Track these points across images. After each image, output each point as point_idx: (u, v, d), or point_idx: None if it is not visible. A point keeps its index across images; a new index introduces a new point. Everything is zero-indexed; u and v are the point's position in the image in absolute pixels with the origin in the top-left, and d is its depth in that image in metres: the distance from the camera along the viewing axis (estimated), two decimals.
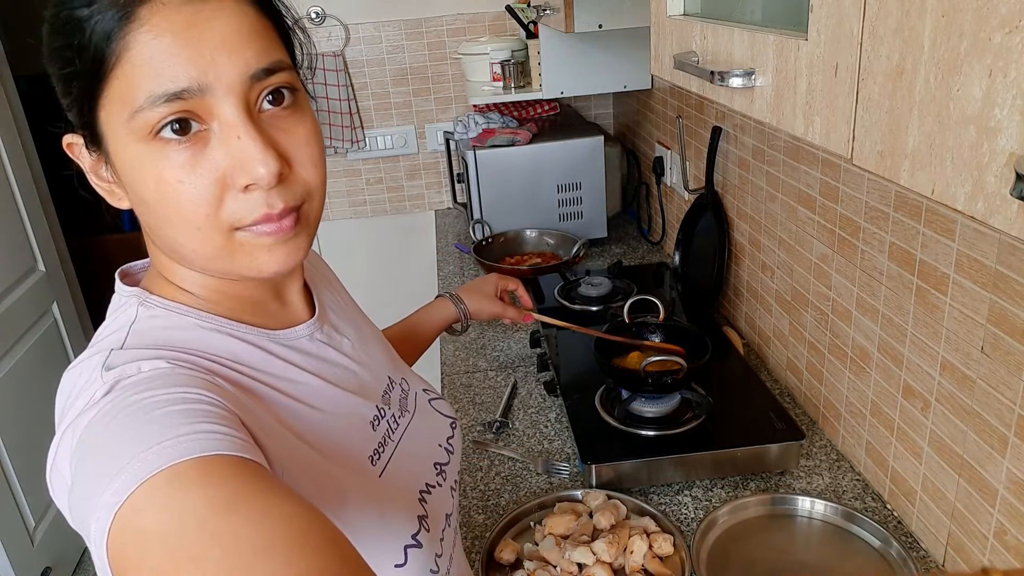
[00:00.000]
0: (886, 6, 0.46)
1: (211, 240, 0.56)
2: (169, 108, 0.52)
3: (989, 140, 0.37)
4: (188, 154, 0.53)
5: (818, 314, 1.28)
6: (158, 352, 0.57)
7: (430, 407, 0.80)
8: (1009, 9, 0.35)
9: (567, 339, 1.55)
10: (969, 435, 0.91)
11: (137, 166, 0.54)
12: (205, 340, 0.60)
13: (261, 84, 0.55)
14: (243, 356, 0.61)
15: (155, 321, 0.60)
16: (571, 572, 1.00)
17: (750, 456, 1.16)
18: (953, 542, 0.97)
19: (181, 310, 0.61)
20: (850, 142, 0.52)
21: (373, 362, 0.75)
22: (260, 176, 0.54)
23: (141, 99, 0.52)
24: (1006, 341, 0.83)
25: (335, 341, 0.71)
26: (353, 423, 0.67)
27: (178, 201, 0.54)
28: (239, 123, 0.54)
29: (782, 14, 0.69)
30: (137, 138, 0.53)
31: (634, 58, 2.00)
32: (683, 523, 1.11)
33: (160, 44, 0.51)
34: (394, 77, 2.62)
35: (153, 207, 0.56)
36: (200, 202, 0.54)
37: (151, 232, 0.61)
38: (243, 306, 0.64)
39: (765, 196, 1.45)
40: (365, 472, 0.65)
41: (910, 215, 0.99)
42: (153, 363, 0.55)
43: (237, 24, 0.54)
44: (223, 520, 0.42)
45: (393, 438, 0.71)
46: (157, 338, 0.59)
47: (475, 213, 2.14)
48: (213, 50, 0.52)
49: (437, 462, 0.75)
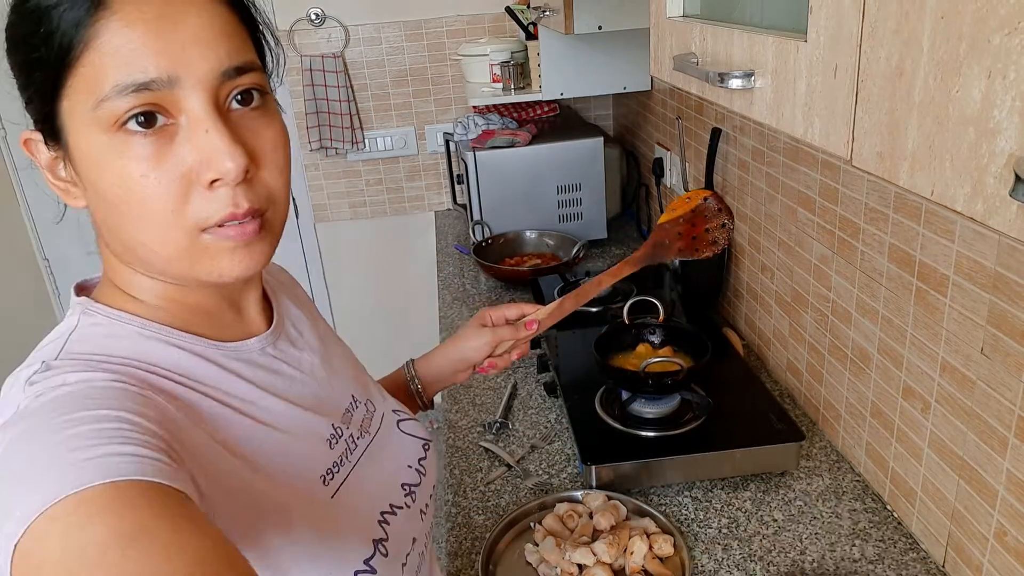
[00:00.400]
0: (885, 8, 0.46)
1: (174, 240, 0.54)
2: (136, 99, 0.50)
3: (988, 141, 0.37)
4: (153, 148, 0.52)
5: (818, 315, 1.28)
6: (91, 363, 0.54)
7: (397, 428, 0.77)
8: (1008, 11, 0.35)
9: (567, 340, 1.55)
10: (969, 436, 0.91)
11: (99, 159, 0.52)
12: (146, 349, 0.58)
13: (232, 83, 0.54)
14: (187, 367, 0.58)
15: (96, 329, 0.58)
16: (571, 573, 1.00)
17: (750, 457, 1.16)
18: (953, 543, 0.97)
19: (123, 318, 0.59)
20: (849, 143, 0.52)
21: (336, 379, 0.72)
22: (227, 170, 0.52)
23: (107, 88, 0.50)
24: (1006, 342, 0.83)
25: (291, 356, 0.68)
26: (306, 440, 0.64)
27: (143, 197, 0.52)
28: (207, 117, 0.52)
29: (781, 16, 0.69)
30: (101, 129, 0.51)
31: (634, 59, 2.01)
32: (683, 524, 1.11)
33: (131, 33, 0.50)
34: (394, 78, 2.62)
35: (115, 204, 0.53)
36: (166, 198, 0.52)
37: (108, 234, 0.59)
38: (196, 316, 0.62)
39: (765, 197, 1.45)
40: (315, 493, 0.62)
41: (909, 216, 0.99)
42: (81, 375, 0.52)
43: (210, 21, 0.53)
44: (123, 554, 0.40)
45: (350, 459, 0.68)
46: (96, 347, 0.56)
47: (475, 214, 2.14)
48: (185, 44, 0.51)
49: (406, 483, 0.72)
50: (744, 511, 1.12)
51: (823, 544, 1.05)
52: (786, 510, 1.12)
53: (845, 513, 1.11)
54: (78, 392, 0.50)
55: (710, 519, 1.11)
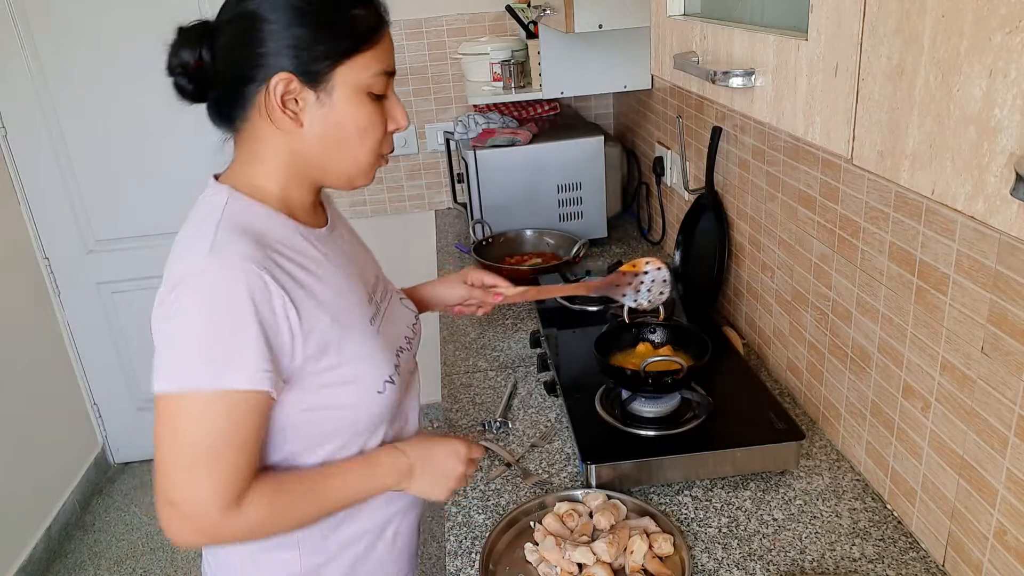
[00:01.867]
0: (886, 6, 0.46)
1: (367, 159, 0.92)
2: (388, 80, 0.91)
3: (989, 140, 0.37)
4: (379, 107, 0.91)
5: (818, 314, 1.28)
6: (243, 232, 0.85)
7: (400, 303, 1.11)
8: (1009, 9, 0.35)
9: (567, 339, 1.55)
10: (969, 435, 0.91)
11: (352, 107, 0.88)
12: (270, 226, 0.89)
13: None
14: (291, 242, 0.90)
15: (241, 205, 0.89)
16: (571, 572, 1.00)
17: (750, 456, 1.16)
18: (953, 542, 0.97)
19: (255, 204, 0.90)
20: (850, 142, 0.52)
21: (365, 261, 1.07)
22: (403, 126, 0.94)
23: (378, 69, 0.88)
24: (1006, 341, 0.83)
25: (341, 240, 1.02)
26: (356, 295, 0.96)
27: (371, 131, 0.90)
28: (395, 95, 0.94)
29: (782, 14, 0.69)
30: (360, 91, 0.88)
31: (634, 58, 2.00)
32: (683, 523, 1.11)
33: (389, 44, 0.91)
34: None
35: (348, 133, 0.89)
36: (379, 134, 0.91)
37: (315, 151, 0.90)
38: (297, 207, 0.94)
39: (765, 196, 1.45)
40: (367, 330, 0.95)
41: (910, 215, 0.99)
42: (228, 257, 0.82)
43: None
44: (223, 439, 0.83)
45: (380, 313, 1.01)
46: (242, 219, 0.87)
47: (475, 213, 2.14)
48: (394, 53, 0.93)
49: (407, 336, 1.06)
50: (744, 510, 1.12)
51: (823, 543, 1.05)
52: (786, 509, 1.12)
53: (845, 512, 1.11)
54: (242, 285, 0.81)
55: (710, 518, 1.11)
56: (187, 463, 0.82)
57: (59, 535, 2.67)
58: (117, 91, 2.57)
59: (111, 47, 2.52)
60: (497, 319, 1.81)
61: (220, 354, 0.81)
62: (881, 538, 1.05)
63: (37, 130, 2.59)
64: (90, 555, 2.62)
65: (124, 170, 2.67)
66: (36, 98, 2.56)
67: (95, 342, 2.86)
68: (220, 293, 0.81)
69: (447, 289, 1.29)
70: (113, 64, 2.54)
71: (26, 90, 2.54)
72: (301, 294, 0.86)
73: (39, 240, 2.71)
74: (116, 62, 2.53)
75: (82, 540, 2.69)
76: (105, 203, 2.69)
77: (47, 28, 2.50)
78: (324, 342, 0.88)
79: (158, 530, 2.69)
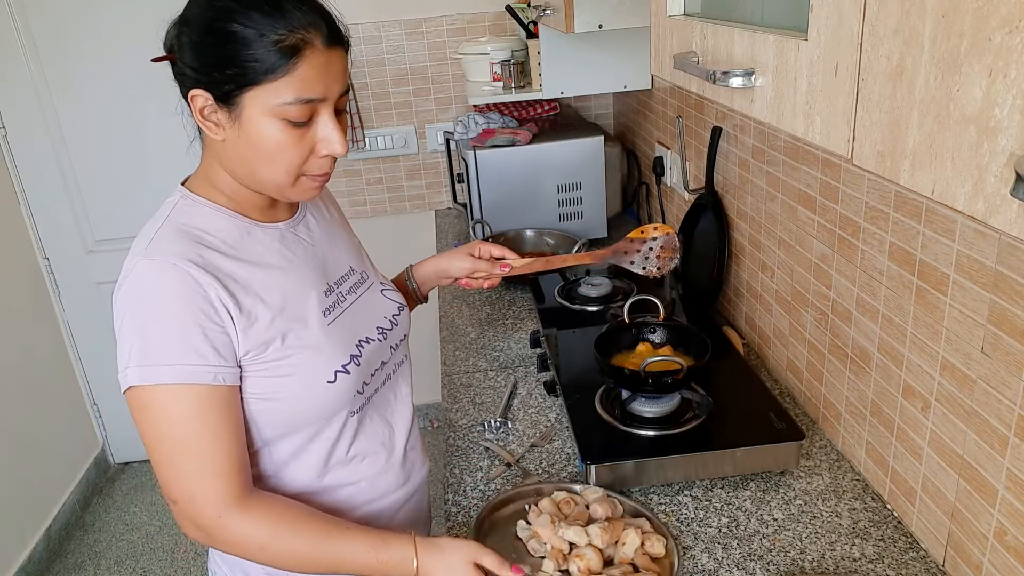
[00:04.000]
0: (886, 6, 0.46)
1: (285, 178, 0.91)
2: (305, 108, 0.87)
3: (989, 140, 0.37)
4: (299, 131, 0.88)
5: (818, 314, 1.28)
6: (179, 232, 0.90)
7: (381, 295, 1.12)
8: (1009, 9, 0.35)
9: (567, 339, 1.55)
10: (969, 435, 0.91)
11: (262, 129, 0.87)
12: (212, 221, 0.93)
13: (342, 99, 0.92)
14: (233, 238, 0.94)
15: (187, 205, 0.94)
16: (561, 549, 0.99)
17: (750, 456, 1.16)
18: (953, 542, 0.97)
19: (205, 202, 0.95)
20: (850, 142, 0.52)
21: (336, 256, 1.07)
22: (339, 153, 0.91)
23: (290, 98, 0.85)
24: (1006, 341, 0.83)
25: (304, 235, 1.03)
26: (309, 287, 0.98)
27: (282, 155, 0.89)
28: (332, 120, 0.90)
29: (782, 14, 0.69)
30: (271, 115, 0.86)
31: (634, 58, 2.00)
32: (683, 523, 1.10)
33: (312, 71, 0.86)
34: (394, 77, 2.62)
35: (257, 151, 0.88)
36: (296, 157, 0.89)
37: (238, 161, 0.91)
38: (250, 206, 0.97)
39: (765, 196, 1.45)
40: (318, 321, 0.97)
41: (910, 215, 0.99)
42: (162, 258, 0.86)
43: (341, 64, 0.90)
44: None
45: (342, 305, 1.02)
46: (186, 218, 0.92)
47: (475, 213, 2.14)
48: (333, 79, 0.89)
49: (380, 327, 1.07)
50: (744, 510, 1.12)
51: (823, 543, 1.05)
52: (786, 509, 1.12)
53: (845, 512, 1.11)
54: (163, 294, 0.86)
55: (710, 518, 1.11)
56: (163, 458, 0.87)
57: (59, 535, 2.67)
58: (117, 91, 2.57)
59: (111, 47, 2.52)
60: (497, 319, 1.81)
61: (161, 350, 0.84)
62: (881, 538, 1.05)
63: (37, 130, 2.59)
64: (90, 555, 2.62)
65: (124, 170, 2.67)
66: (36, 98, 2.56)
67: (95, 342, 2.86)
68: (153, 293, 0.86)
69: (453, 261, 1.28)
70: (113, 64, 2.54)
71: (26, 90, 2.54)
72: (238, 287, 0.90)
73: (39, 240, 2.71)
74: (116, 62, 2.53)
75: (82, 540, 2.69)
76: (105, 203, 2.69)
77: (47, 28, 2.50)
78: (266, 333, 0.91)
79: (158, 530, 2.70)
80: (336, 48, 0.88)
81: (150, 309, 0.86)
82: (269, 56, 0.83)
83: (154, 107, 2.51)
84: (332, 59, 0.87)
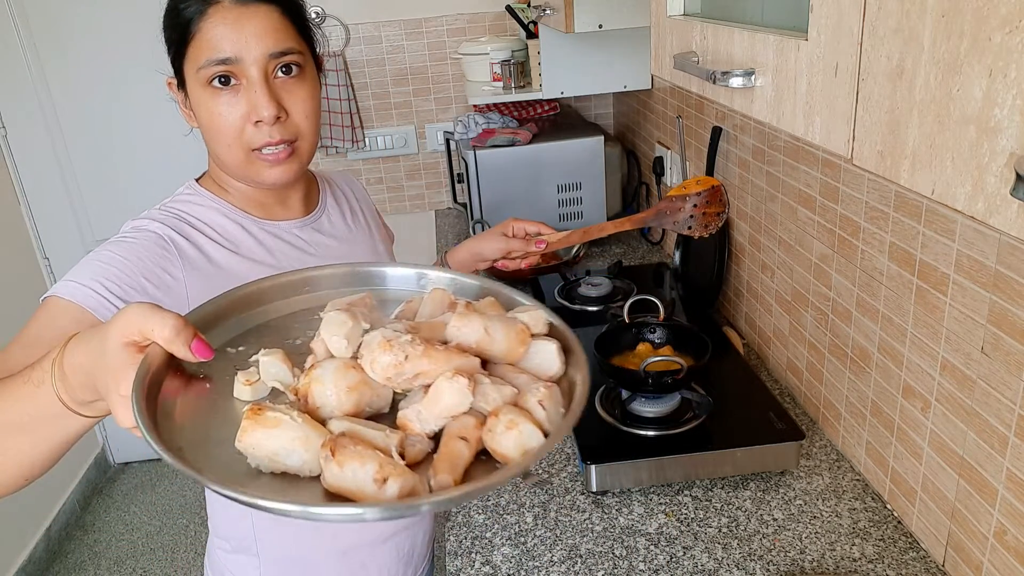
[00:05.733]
0: (886, 6, 0.46)
1: (236, 154, 0.90)
2: (218, 68, 0.86)
3: (989, 140, 0.37)
4: (227, 97, 0.88)
5: (818, 314, 1.28)
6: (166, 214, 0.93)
7: None
8: (1009, 9, 0.35)
9: None
10: (969, 435, 0.91)
11: (200, 102, 0.89)
12: (205, 214, 0.95)
13: (276, 60, 0.88)
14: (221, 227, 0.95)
15: (188, 196, 0.97)
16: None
17: (750, 456, 1.16)
18: (953, 542, 0.97)
19: (205, 194, 0.97)
20: (850, 142, 0.52)
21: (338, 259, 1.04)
22: (264, 116, 0.87)
23: (202, 61, 0.86)
24: (1006, 341, 0.83)
25: (313, 239, 1.03)
26: None
27: (219, 125, 0.88)
28: (257, 83, 0.87)
29: (782, 14, 0.69)
30: (201, 85, 0.87)
31: (634, 58, 2.00)
32: (683, 523, 1.11)
33: (218, 30, 0.85)
34: (394, 77, 2.62)
35: (206, 128, 0.90)
36: (231, 127, 0.88)
37: (208, 147, 0.93)
38: (251, 203, 0.99)
39: (765, 196, 1.45)
40: None
41: (910, 215, 0.99)
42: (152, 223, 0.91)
43: (263, 23, 0.87)
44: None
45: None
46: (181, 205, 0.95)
47: (475, 213, 2.14)
48: (248, 37, 0.86)
49: None
50: (744, 510, 1.12)
51: (823, 543, 1.05)
52: (786, 509, 1.12)
53: (845, 512, 1.11)
54: (129, 239, 0.89)
55: (710, 518, 1.11)
56: None
57: (59, 535, 2.67)
58: (117, 91, 2.57)
59: (112, 47, 2.52)
60: None
61: (78, 273, 0.86)
62: (881, 538, 1.05)
63: (37, 130, 2.59)
64: (90, 555, 2.62)
65: (124, 170, 2.67)
66: (36, 98, 2.56)
67: None
68: (118, 241, 0.90)
69: (487, 243, 1.25)
70: (113, 64, 2.54)
71: (26, 90, 2.55)
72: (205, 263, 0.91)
73: (39, 240, 2.71)
74: (116, 62, 2.53)
75: (82, 540, 2.69)
76: (105, 203, 2.69)
77: (47, 28, 2.50)
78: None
79: (158, 530, 2.70)
80: (253, 4, 0.86)
81: (101, 249, 0.88)
82: (180, 21, 0.86)
83: (154, 107, 2.51)
84: (246, 16, 0.86)
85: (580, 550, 1.07)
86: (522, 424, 0.54)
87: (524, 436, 0.54)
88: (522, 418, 0.55)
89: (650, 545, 1.07)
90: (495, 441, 0.55)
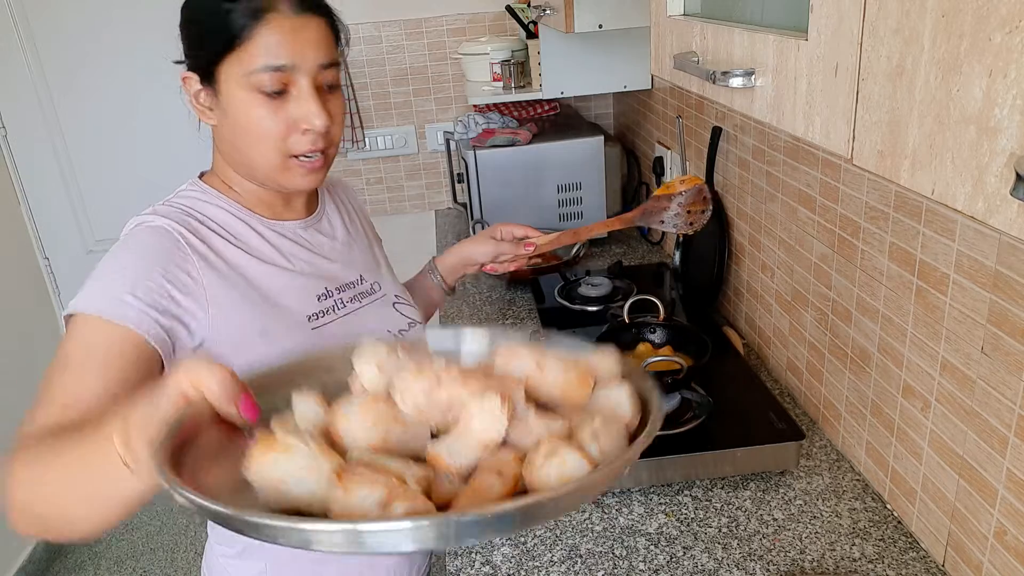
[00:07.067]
0: (886, 6, 0.46)
1: (271, 159, 0.90)
2: (273, 75, 0.86)
3: (989, 140, 0.37)
4: (275, 103, 0.88)
5: (818, 314, 1.28)
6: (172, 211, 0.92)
7: (392, 308, 1.09)
8: (1009, 9, 0.35)
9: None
10: (969, 435, 0.91)
11: (240, 104, 0.88)
12: (212, 211, 0.95)
13: (325, 72, 0.90)
14: (229, 225, 0.95)
15: (193, 193, 0.97)
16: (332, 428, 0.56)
17: (750, 456, 1.16)
18: (953, 542, 0.97)
19: (211, 192, 0.97)
20: (850, 142, 0.52)
21: (349, 262, 1.06)
22: (317, 125, 0.89)
23: (257, 66, 0.85)
24: (1006, 341, 0.83)
25: (315, 239, 1.04)
26: (300, 290, 0.97)
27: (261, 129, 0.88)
28: (309, 92, 0.89)
29: (782, 14, 0.69)
30: (246, 88, 0.87)
31: (634, 58, 2.00)
32: (683, 523, 1.10)
33: (275, 36, 0.86)
34: (394, 77, 2.62)
35: (242, 129, 0.89)
36: (273, 132, 0.89)
37: (230, 146, 0.93)
38: (259, 202, 0.99)
39: (765, 196, 1.45)
40: (301, 326, 0.94)
41: (910, 215, 0.99)
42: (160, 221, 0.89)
43: (317, 33, 0.89)
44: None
45: (338, 312, 1.00)
46: (187, 202, 0.94)
47: (475, 213, 2.14)
48: (304, 46, 0.87)
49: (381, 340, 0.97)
50: (744, 510, 1.12)
51: (823, 543, 1.05)
52: (786, 509, 1.12)
53: (845, 512, 1.11)
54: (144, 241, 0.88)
55: (710, 518, 1.11)
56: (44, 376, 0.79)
57: None
58: (117, 91, 2.57)
59: (112, 47, 2.52)
60: (497, 319, 1.81)
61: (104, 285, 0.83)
62: (881, 538, 1.05)
63: (37, 130, 2.59)
64: (90, 555, 2.62)
65: (124, 170, 2.67)
66: (36, 98, 2.56)
67: None
68: (133, 243, 0.88)
69: (476, 247, 1.25)
70: (113, 64, 2.54)
71: (26, 90, 2.55)
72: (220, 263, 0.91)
73: (39, 240, 2.71)
74: (117, 62, 2.53)
75: None
76: (105, 203, 2.69)
77: (47, 28, 2.50)
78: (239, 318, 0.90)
79: (158, 530, 2.69)
80: (308, 15, 0.88)
81: (118, 255, 0.87)
82: (233, 22, 0.85)
83: (155, 107, 2.51)
84: (302, 26, 0.87)
85: (580, 550, 1.07)
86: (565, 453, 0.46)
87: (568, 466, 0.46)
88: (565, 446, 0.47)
89: (650, 545, 1.07)
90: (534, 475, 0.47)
